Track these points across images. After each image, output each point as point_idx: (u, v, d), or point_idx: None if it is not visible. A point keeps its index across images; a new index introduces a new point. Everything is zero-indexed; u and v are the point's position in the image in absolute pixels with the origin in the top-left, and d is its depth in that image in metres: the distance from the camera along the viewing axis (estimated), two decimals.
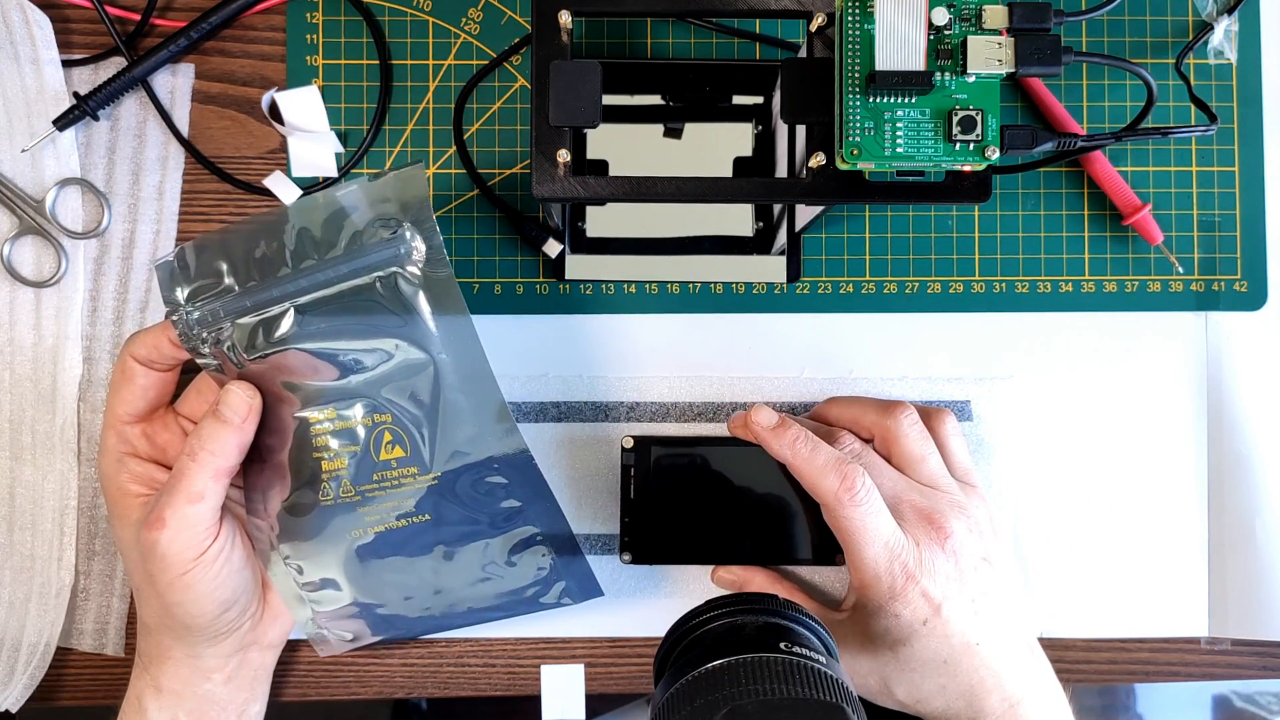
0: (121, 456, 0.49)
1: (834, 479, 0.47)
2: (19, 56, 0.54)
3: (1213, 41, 0.57)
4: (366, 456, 0.48)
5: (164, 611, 0.48)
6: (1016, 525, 0.57)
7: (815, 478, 0.48)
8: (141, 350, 0.49)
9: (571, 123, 0.45)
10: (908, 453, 0.50)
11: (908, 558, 0.47)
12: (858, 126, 0.44)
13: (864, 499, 0.47)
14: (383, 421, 0.48)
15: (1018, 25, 0.42)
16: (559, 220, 0.55)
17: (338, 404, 0.48)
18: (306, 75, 0.56)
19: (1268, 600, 0.56)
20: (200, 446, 0.46)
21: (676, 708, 0.37)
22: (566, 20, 0.45)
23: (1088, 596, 0.56)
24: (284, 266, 0.47)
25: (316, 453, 0.48)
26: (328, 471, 0.49)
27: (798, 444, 0.48)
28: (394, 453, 0.48)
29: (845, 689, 0.38)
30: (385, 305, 0.47)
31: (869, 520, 0.47)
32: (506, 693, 0.56)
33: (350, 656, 0.56)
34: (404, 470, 0.49)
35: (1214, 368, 0.57)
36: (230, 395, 0.47)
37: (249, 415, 0.47)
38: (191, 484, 0.46)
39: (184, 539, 0.46)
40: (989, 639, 0.48)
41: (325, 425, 0.48)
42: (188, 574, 0.47)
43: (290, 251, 0.47)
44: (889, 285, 0.57)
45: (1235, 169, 0.57)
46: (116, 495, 0.49)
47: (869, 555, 0.47)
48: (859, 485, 0.47)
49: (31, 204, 0.55)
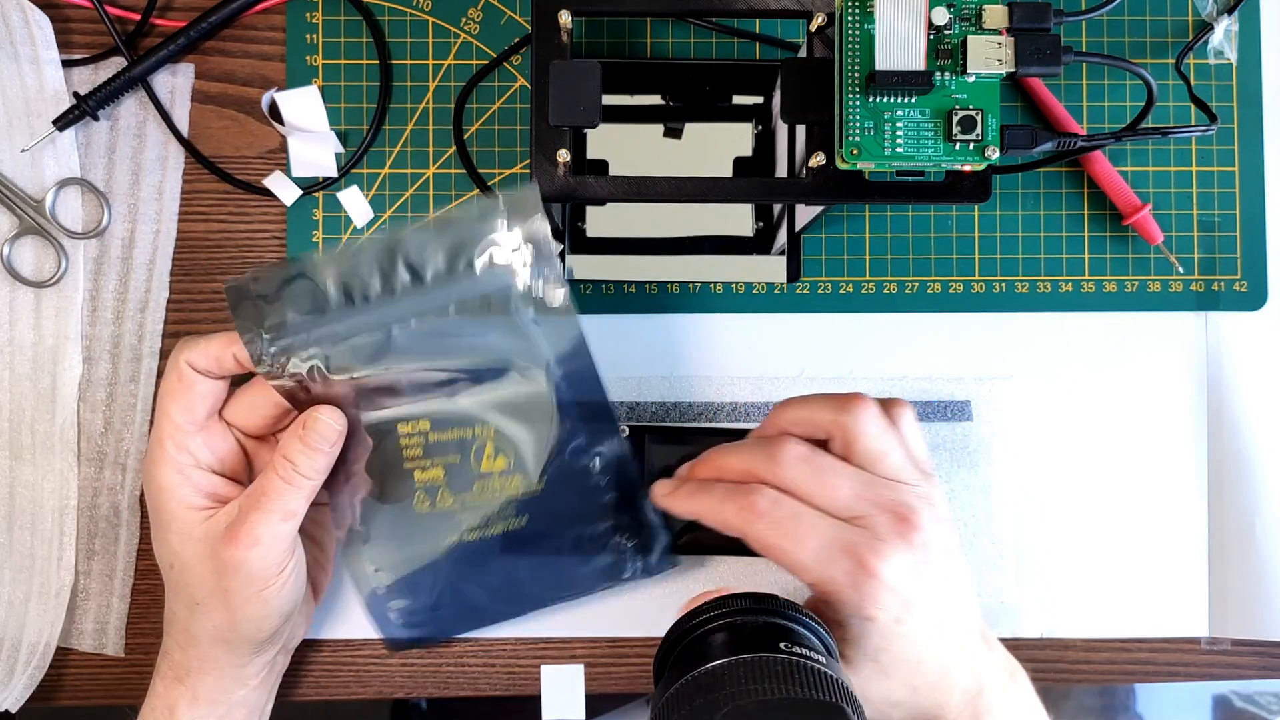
0: (184, 468, 0.48)
1: (731, 508, 0.45)
2: (19, 56, 0.54)
3: (1213, 41, 0.57)
4: (465, 468, 0.48)
5: (229, 624, 0.48)
6: (1017, 525, 0.57)
7: (718, 515, 0.45)
8: (201, 360, 0.48)
9: (571, 123, 0.45)
10: (869, 450, 0.46)
11: (862, 550, 0.44)
12: (858, 126, 0.44)
13: (768, 509, 0.44)
14: (484, 435, 0.48)
15: (1018, 25, 0.42)
16: (559, 220, 0.55)
17: (434, 418, 0.48)
18: (306, 75, 0.56)
19: (1268, 600, 0.56)
20: (294, 470, 0.46)
21: (676, 708, 0.37)
22: (566, 20, 0.45)
23: (1088, 596, 0.56)
24: (383, 289, 0.46)
25: (409, 463, 0.48)
26: (422, 482, 0.49)
27: (694, 495, 0.47)
28: (496, 464, 0.48)
29: (845, 689, 0.38)
30: (496, 325, 0.46)
31: (787, 525, 0.44)
32: (506, 693, 0.56)
33: (350, 656, 0.56)
34: (506, 480, 0.49)
35: (1214, 368, 0.57)
36: (319, 424, 0.47)
37: (337, 442, 0.47)
38: (286, 503, 0.46)
39: (271, 556, 0.46)
40: (953, 630, 0.46)
41: (417, 438, 0.48)
42: (268, 589, 0.47)
43: (392, 274, 0.46)
44: (889, 285, 0.57)
45: (1235, 169, 0.57)
46: (176, 509, 0.48)
47: (806, 558, 0.44)
48: (757, 501, 0.44)
49: (31, 204, 0.55)
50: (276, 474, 0.47)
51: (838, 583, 0.44)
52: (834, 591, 0.44)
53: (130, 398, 0.55)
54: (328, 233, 0.56)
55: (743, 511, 0.45)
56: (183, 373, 0.48)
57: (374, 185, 0.56)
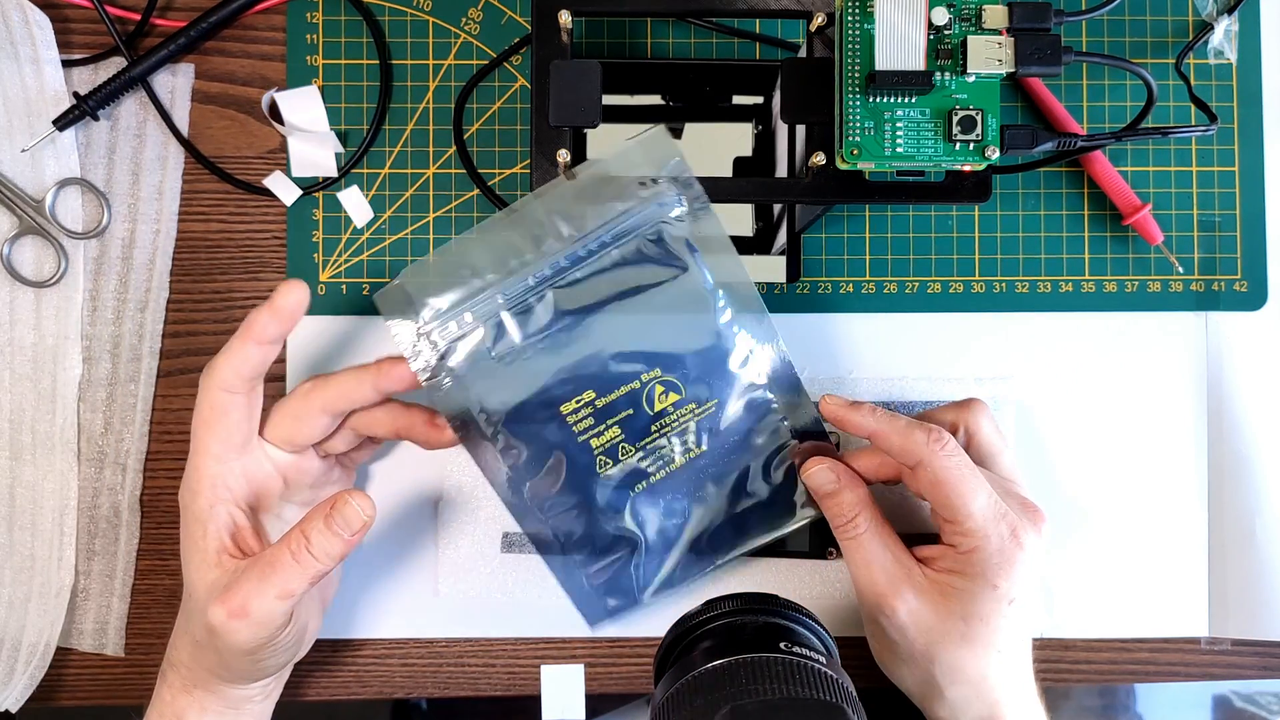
0: (214, 505, 0.47)
1: (920, 434, 0.46)
2: (19, 56, 0.54)
3: (1213, 41, 0.57)
4: (640, 414, 0.49)
5: (223, 666, 0.47)
6: None
7: (900, 438, 0.46)
8: (230, 377, 0.46)
9: (571, 123, 0.45)
10: (989, 445, 0.49)
11: (1015, 520, 0.46)
12: (858, 126, 0.44)
13: (955, 450, 0.45)
14: (650, 379, 0.48)
15: (1018, 25, 0.42)
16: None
17: (597, 384, 0.48)
18: (306, 75, 0.56)
19: (1268, 600, 0.56)
20: (306, 548, 0.44)
21: (676, 708, 0.37)
22: (566, 20, 0.45)
23: (1088, 596, 0.56)
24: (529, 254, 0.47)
25: (582, 436, 0.49)
26: (599, 446, 0.49)
27: (877, 413, 0.48)
28: (669, 399, 0.49)
29: (845, 689, 0.38)
30: (654, 260, 0.47)
31: (966, 470, 0.45)
32: (506, 693, 0.56)
33: (350, 656, 0.56)
34: (682, 411, 0.49)
35: (1214, 368, 0.57)
36: (346, 509, 0.45)
37: (360, 531, 0.45)
38: (287, 583, 0.44)
39: (260, 632, 0.45)
40: (1025, 649, 0.48)
41: (585, 409, 0.48)
42: (256, 654, 0.46)
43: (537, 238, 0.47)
44: (889, 285, 0.57)
45: (1235, 169, 0.57)
46: (203, 544, 0.47)
47: (976, 508, 0.45)
48: (947, 437, 0.46)
49: (31, 204, 0.55)
50: (288, 548, 0.44)
51: (990, 541, 0.45)
52: (982, 549, 0.45)
53: (130, 398, 0.55)
54: (328, 232, 0.56)
55: (934, 443, 0.45)
56: (214, 401, 0.47)
57: (374, 185, 0.56)
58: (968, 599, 0.46)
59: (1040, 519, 0.47)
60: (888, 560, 0.48)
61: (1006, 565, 0.45)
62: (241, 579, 0.45)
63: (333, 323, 0.56)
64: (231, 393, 0.47)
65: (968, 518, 0.45)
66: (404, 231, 0.56)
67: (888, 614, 0.47)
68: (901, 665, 0.49)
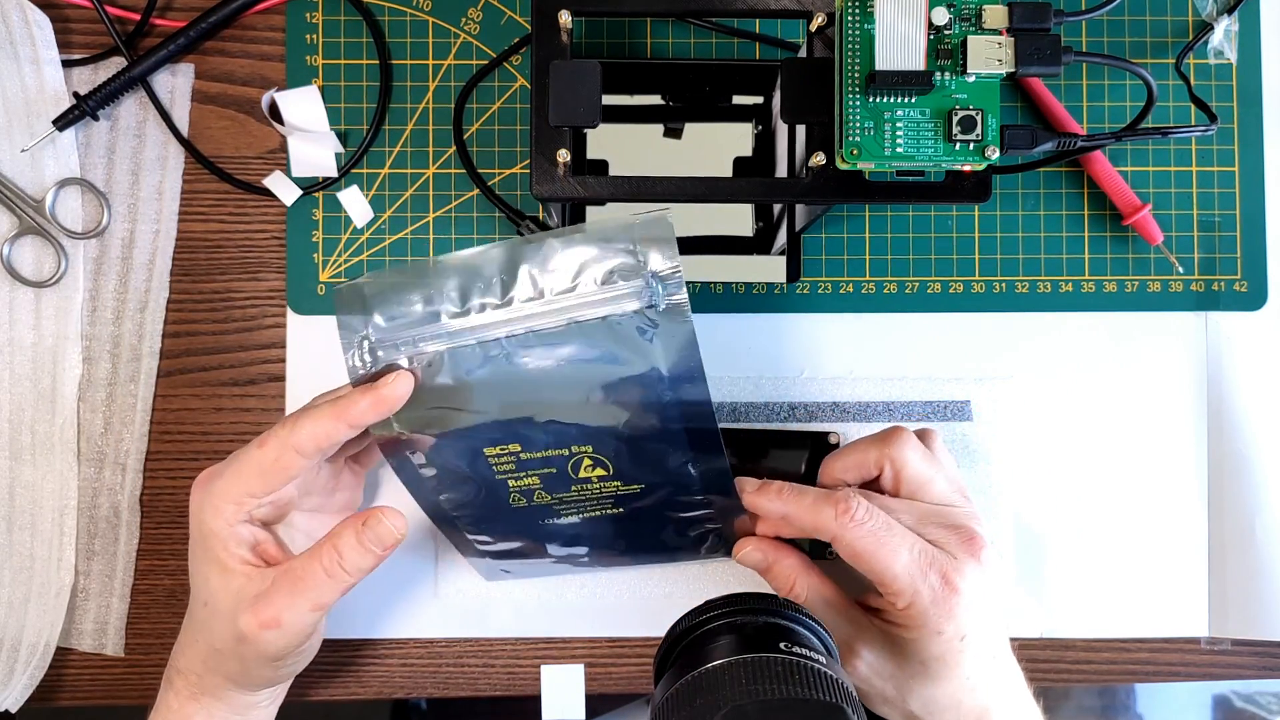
0: (235, 524, 0.46)
1: (828, 508, 0.46)
2: (19, 56, 0.54)
3: (1213, 41, 0.57)
4: (564, 476, 0.48)
5: (241, 674, 0.48)
6: (1016, 525, 0.57)
7: (811, 516, 0.46)
8: (310, 446, 0.45)
9: (571, 123, 0.45)
10: (917, 476, 0.48)
11: (945, 567, 0.45)
12: (858, 126, 0.44)
13: (865, 517, 0.45)
14: (580, 452, 0.48)
15: (1018, 25, 0.42)
16: (559, 220, 0.55)
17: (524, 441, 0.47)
18: (306, 75, 0.56)
19: (1268, 600, 0.56)
20: (339, 564, 0.45)
21: (676, 708, 0.37)
22: (566, 20, 0.45)
23: (1087, 596, 0.56)
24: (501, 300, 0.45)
25: (500, 475, 0.48)
26: (516, 488, 0.49)
27: (784, 493, 0.48)
28: (594, 472, 0.48)
29: (845, 689, 0.38)
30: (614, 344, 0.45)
31: (881, 534, 0.45)
32: (506, 693, 0.56)
33: (350, 656, 0.56)
34: (605, 484, 0.49)
35: (1214, 368, 0.57)
36: (380, 527, 0.45)
37: (392, 547, 0.46)
38: (320, 596, 0.45)
39: (292, 641, 0.46)
40: (1001, 651, 0.48)
41: (508, 458, 0.47)
42: (281, 661, 0.47)
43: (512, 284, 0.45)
44: (889, 285, 0.57)
45: (1235, 169, 0.57)
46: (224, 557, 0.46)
47: (900, 568, 0.45)
48: (854, 505, 0.45)
49: (31, 204, 0.55)
50: (321, 563, 0.45)
51: (922, 596, 0.45)
52: (915, 604, 0.45)
53: (130, 398, 0.55)
54: (327, 232, 0.56)
55: (841, 516, 0.45)
56: (283, 460, 0.45)
57: (374, 185, 0.56)
58: (920, 647, 0.46)
59: (978, 546, 0.46)
60: (836, 620, 0.48)
61: (945, 612, 0.45)
62: (273, 591, 0.45)
63: (333, 322, 0.56)
64: (303, 457, 0.45)
65: (893, 579, 0.45)
66: (404, 231, 0.56)
67: (849, 670, 0.48)
68: (879, 705, 0.49)
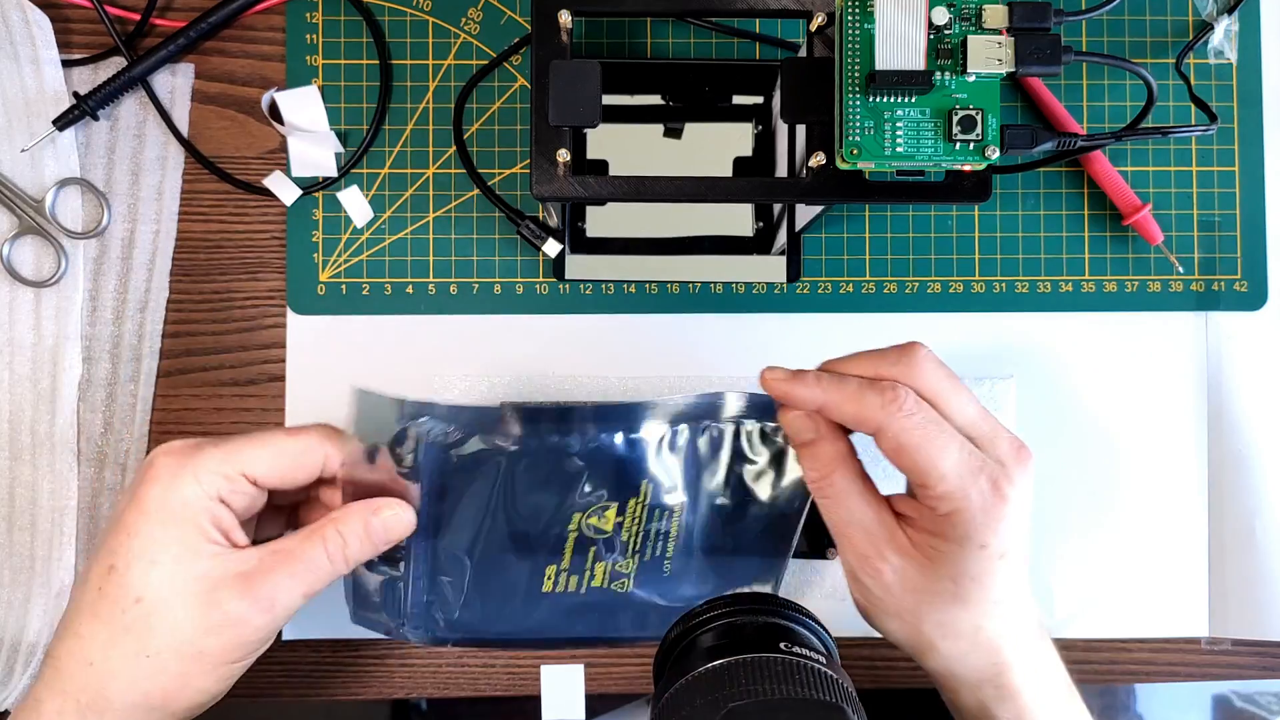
0: (213, 493, 0.42)
1: (874, 396, 0.41)
2: (19, 56, 0.54)
3: (1213, 41, 0.57)
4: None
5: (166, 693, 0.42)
6: None
7: (854, 404, 0.42)
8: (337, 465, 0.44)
9: (571, 123, 0.45)
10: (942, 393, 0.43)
11: (995, 473, 0.41)
12: (858, 126, 0.44)
13: (915, 408, 0.41)
14: None
15: (1018, 25, 0.42)
16: (559, 220, 0.55)
17: None
18: (306, 75, 0.56)
19: (1268, 600, 0.56)
20: (343, 551, 0.43)
21: (676, 708, 0.37)
22: (566, 20, 0.45)
23: (1087, 596, 0.56)
24: None
25: None
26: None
27: (823, 381, 0.43)
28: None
29: (845, 689, 0.38)
30: None
31: (931, 427, 0.41)
32: (506, 693, 0.56)
33: (350, 656, 0.56)
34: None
35: (1214, 368, 0.57)
36: (388, 520, 0.44)
37: (395, 542, 0.45)
38: (317, 581, 0.43)
39: (272, 627, 0.43)
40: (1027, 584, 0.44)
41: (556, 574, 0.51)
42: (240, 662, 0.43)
43: None
44: (889, 285, 0.57)
45: (1235, 169, 0.57)
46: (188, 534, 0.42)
47: (947, 467, 0.41)
48: (904, 395, 0.41)
49: (31, 204, 0.55)
50: (324, 547, 0.43)
51: (970, 501, 0.41)
52: (961, 510, 0.41)
53: (130, 398, 0.55)
54: (327, 232, 0.56)
55: (888, 405, 0.41)
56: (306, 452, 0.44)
57: (374, 185, 0.56)
58: (955, 560, 0.42)
59: (1025, 456, 0.42)
60: (868, 519, 0.44)
61: (992, 522, 0.41)
62: (264, 570, 0.42)
63: (333, 322, 0.56)
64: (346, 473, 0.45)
65: (940, 480, 0.41)
66: (404, 231, 0.56)
67: (871, 575, 0.44)
68: (888, 619, 0.45)
